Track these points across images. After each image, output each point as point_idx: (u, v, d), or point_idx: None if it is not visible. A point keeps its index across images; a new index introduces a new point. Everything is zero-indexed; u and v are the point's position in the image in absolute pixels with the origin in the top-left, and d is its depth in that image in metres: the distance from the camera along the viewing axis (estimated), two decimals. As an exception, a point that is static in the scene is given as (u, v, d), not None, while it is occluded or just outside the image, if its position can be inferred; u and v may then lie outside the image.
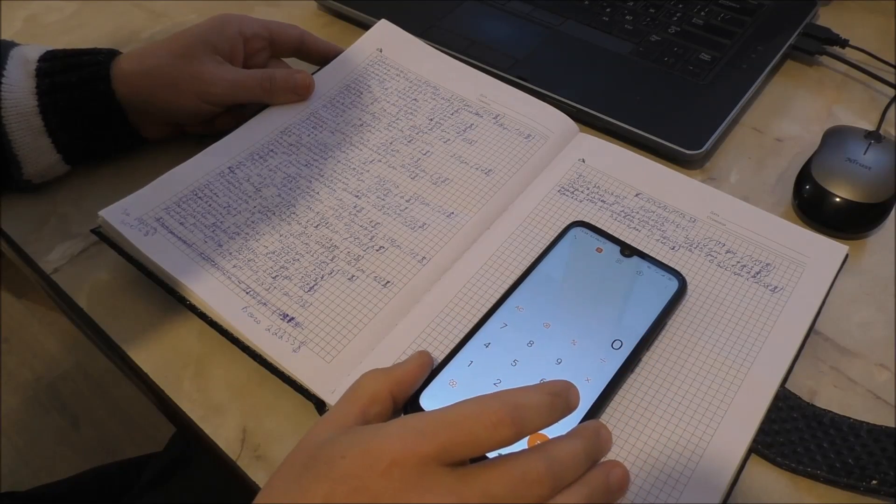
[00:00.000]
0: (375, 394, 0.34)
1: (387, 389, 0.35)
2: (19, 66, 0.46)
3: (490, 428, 0.29)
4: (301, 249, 0.44)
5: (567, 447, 0.31)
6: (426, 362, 0.37)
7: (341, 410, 0.34)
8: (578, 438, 0.32)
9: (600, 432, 0.33)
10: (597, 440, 0.33)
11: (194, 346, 0.42)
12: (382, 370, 0.36)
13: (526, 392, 0.31)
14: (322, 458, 0.30)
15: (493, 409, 0.29)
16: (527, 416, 0.29)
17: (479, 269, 0.43)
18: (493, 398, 0.30)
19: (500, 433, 0.29)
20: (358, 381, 0.35)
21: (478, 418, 0.29)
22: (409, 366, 0.37)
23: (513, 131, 0.51)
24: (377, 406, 0.34)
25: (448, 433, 0.29)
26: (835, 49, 0.60)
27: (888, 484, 0.35)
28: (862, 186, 0.47)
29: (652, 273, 0.42)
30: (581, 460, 0.31)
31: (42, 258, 0.47)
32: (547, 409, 0.30)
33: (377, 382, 0.35)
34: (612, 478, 0.32)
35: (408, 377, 0.36)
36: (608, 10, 0.62)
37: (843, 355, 0.42)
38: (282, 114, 0.51)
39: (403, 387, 0.36)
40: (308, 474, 0.30)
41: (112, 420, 1.25)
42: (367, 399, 0.34)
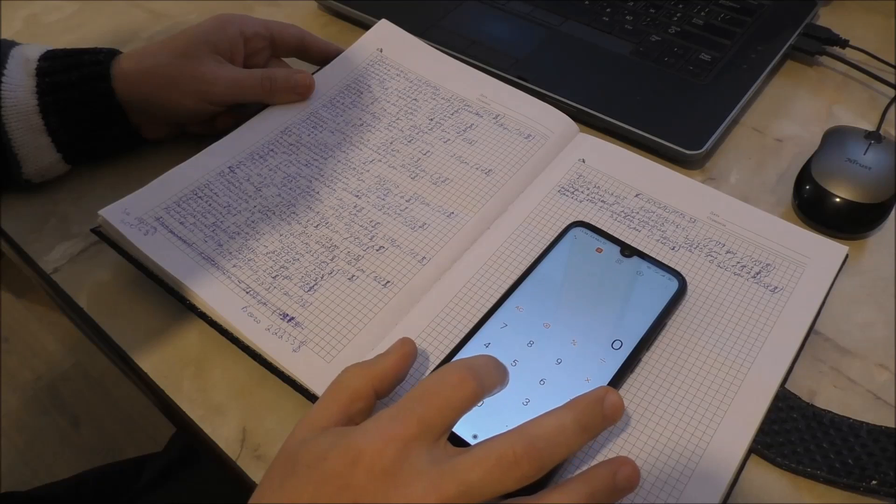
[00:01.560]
0: (357, 391, 0.33)
1: (369, 385, 0.34)
2: (20, 65, 0.46)
3: (456, 387, 0.30)
4: (301, 249, 0.44)
5: (551, 421, 0.30)
6: (408, 352, 0.36)
7: (322, 410, 0.33)
8: (568, 410, 0.31)
9: (604, 400, 0.31)
10: (593, 410, 0.31)
11: (194, 345, 0.42)
12: (364, 365, 0.35)
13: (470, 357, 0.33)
14: (304, 461, 0.30)
15: (453, 372, 0.31)
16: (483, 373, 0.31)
17: (479, 269, 0.43)
18: (447, 366, 0.32)
19: (466, 389, 0.30)
20: (338, 379, 0.34)
21: (442, 383, 0.30)
22: (391, 358, 0.35)
23: (513, 131, 0.51)
24: (359, 403, 0.33)
25: (420, 406, 0.30)
26: (835, 49, 0.60)
27: (888, 484, 0.35)
28: (862, 187, 0.47)
29: (652, 273, 0.42)
30: (570, 434, 0.30)
31: (42, 258, 0.47)
32: (495, 370, 0.32)
33: (358, 378, 0.34)
34: (620, 476, 0.30)
35: (390, 371, 0.35)
36: (608, 10, 0.62)
37: (843, 355, 0.42)
38: (282, 113, 0.51)
39: (386, 381, 0.35)
40: (292, 478, 0.30)
41: (112, 420, 1.25)
42: (348, 397, 0.33)
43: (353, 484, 0.28)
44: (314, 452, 0.30)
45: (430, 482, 0.28)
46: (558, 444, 0.30)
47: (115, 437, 1.23)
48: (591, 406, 0.31)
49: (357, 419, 0.33)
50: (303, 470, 0.30)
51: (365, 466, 0.28)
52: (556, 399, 0.33)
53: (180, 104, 0.48)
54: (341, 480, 0.29)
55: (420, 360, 0.39)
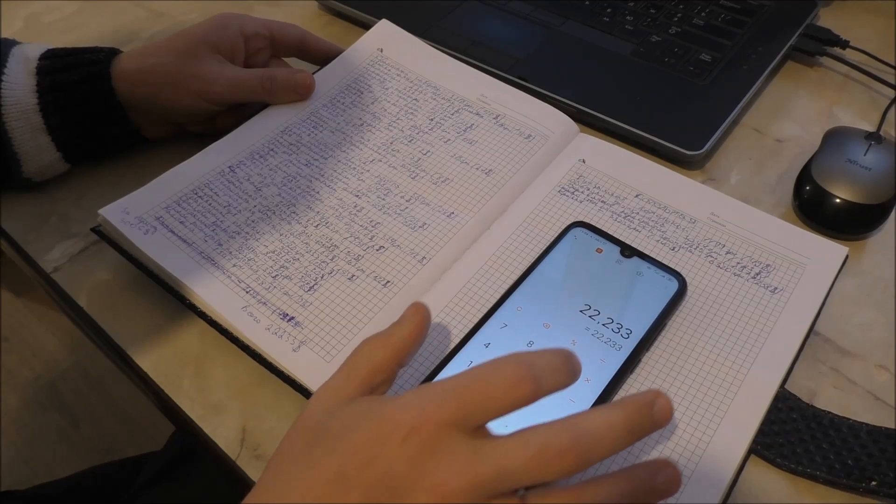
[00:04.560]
0: (377, 364, 0.32)
1: (391, 358, 0.33)
2: (20, 64, 0.46)
3: (509, 387, 0.28)
4: (301, 249, 0.44)
5: (601, 418, 0.28)
6: (424, 318, 0.34)
7: (341, 382, 0.32)
8: (619, 409, 0.29)
9: (655, 402, 0.29)
10: (643, 412, 0.29)
11: (194, 345, 0.42)
12: (381, 337, 0.34)
13: (539, 353, 0.29)
14: (332, 431, 0.29)
15: (511, 368, 0.28)
16: (544, 375, 0.28)
17: (479, 270, 0.43)
18: (507, 358, 0.29)
19: (520, 391, 0.28)
20: (358, 351, 0.33)
21: (495, 377, 0.28)
22: (408, 327, 0.34)
23: (513, 131, 0.51)
24: (380, 375, 0.33)
25: (467, 394, 0.28)
26: (835, 50, 0.60)
27: (887, 485, 0.35)
28: (862, 187, 0.47)
29: (652, 274, 0.42)
30: (619, 433, 0.28)
31: (42, 257, 0.47)
32: (561, 369, 0.29)
33: (379, 350, 0.33)
34: (661, 478, 0.29)
35: (408, 341, 0.33)
36: (609, 11, 0.62)
37: (843, 356, 0.42)
38: (282, 113, 0.51)
39: (405, 351, 0.33)
40: (318, 448, 0.29)
41: (111, 419, 1.25)
42: (368, 370, 0.32)
43: (384, 457, 0.27)
44: (343, 422, 0.29)
45: (466, 462, 0.27)
46: (604, 441, 0.28)
47: (115, 437, 1.23)
48: (642, 408, 0.29)
49: (379, 390, 0.33)
50: (330, 440, 0.29)
51: (397, 441, 0.27)
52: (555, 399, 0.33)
53: (180, 103, 0.48)
54: (372, 453, 0.28)
55: (419, 360, 0.39)
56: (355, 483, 0.27)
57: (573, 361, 0.30)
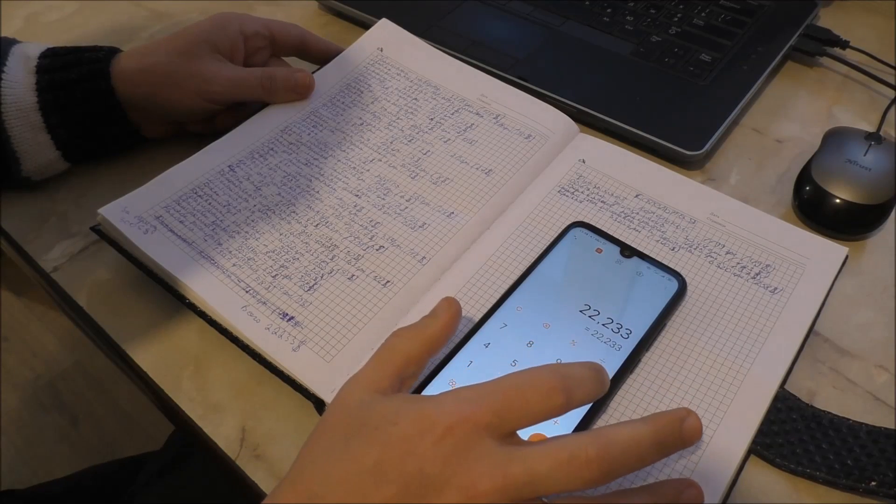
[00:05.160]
0: (410, 356, 0.34)
1: (423, 349, 0.34)
2: (20, 62, 0.46)
3: (543, 396, 0.29)
4: (301, 248, 0.44)
5: (629, 432, 0.29)
6: (456, 312, 0.36)
7: (376, 373, 0.33)
8: (647, 424, 0.30)
9: (685, 420, 0.30)
10: (672, 429, 0.30)
11: (194, 344, 0.42)
12: (414, 329, 0.35)
13: (572, 365, 0.31)
14: (371, 423, 0.30)
15: (545, 378, 0.29)
16: (575, 387, 0.30)
17: (479, 269, 0.43)
18: (542, 369, 0.30)
19: (553, 401, 0.29)
20: (390, 342, 0.34)
21: (530, 386, 0.29)
22: (441, 321, 0.35)
23: (513, 131, 0.51)
24: (412, 367, 0.34)
25: (502, 399, 0.29)
26: (835, 50, 0.60)
27: (887, 485, 0.35)
28: (862, 188, 0.47)
29: (652, 274, 0.42)
30: (646, 448, 0.29)
31: (42, 257, 0.47)
32: (592, 382, 0.30)
33: (411, 343, 0.34)
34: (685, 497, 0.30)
35: (441, 335, 0.35)
36: (609, 11, 0.62)
37: (843, 356, 0.42)
38: (282, 112, 0.51)
39: (437, 345, 0.35)
40: (357, 438, 0.30)
41: (111, 419, 1.25)
42: (401, 361, 0.33)
43: (419, 452, 0.28)
44: (383, 415, 0.30)
45: (498, 464, 0.28)
46: (632, 455, 0.29)
47: (114, 436, 1.23)
48: (671, 424, 0.30)
49: (409, 382, 0.34)
50: (369, 431, 0.29)
51: (434, 438, 0.28)
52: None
53: (180, 103, 0.48)
54: (408, 446, 0.28)
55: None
56: (392, 476, 0.28)
57: (603, 375, 0.31)
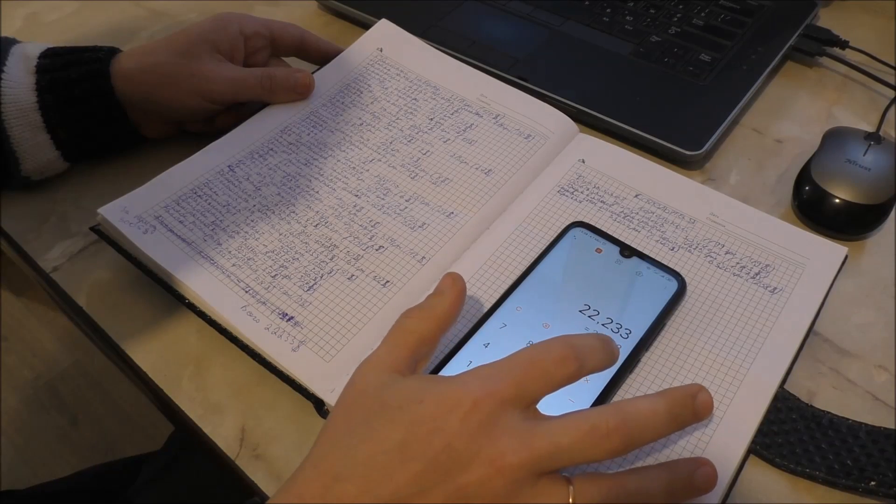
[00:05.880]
0: (423, 335, 0.34)
1: (435, 328, 0.34)
2: (20, 62, 0.46)
3: (558, 364, 0.30)
4: (300, 248, 0.44)
5: (646, 405, 0.30)
6: (462, 288, 0.36)
7: (391, 354, 0.33)
8: (663, 398, 0.31)
9: (697, 396, 0.32)
10: (685, 404, 0.31)
11: (193, 345, 0.42)
12: (424, 308, 0.35)
13: (581, 335, 0.32)
14: (394, 402, 0.30)
15: (557, 348, 0.31)
16: (586, 354, 0.31)
17: (479, 269, 0.43)
18: (552, 340, 0.31)
19: (567, 368, 0.30)
20: (402, 323, 0.35)
21: (545, 356, 0.30)
22: (449, 298, 0.35)
23: (513, 131, 0.51)
24: (425, 347, 0.34)
25: (521, 372, 0.30)
26: (835, 50, 0.60)
27: (886, 485, 0.35)
28: (861, 188, 0.47)
29: (651, 274, 0.42)
30: (662, 420, 0.30)
31: (41, 257, 0.47)
32: (601, 351, 0.32)
33: (423, 323, 0.34)
34: (699, 475, 0.31)
35: (451, 312, 0.35)
36: (608, 11, 0.62)
37: (843, 356, 0.42)
38: (282, 112, 0.51)
39: (449, 322, 0.35)
40: (380, 418, 0.30)
41: (111, 419, 1.25)
42: (415, 341, 0.34)
43: (446, 428, 0.29)
44: (406, 395, 0.30)
45: (523, 438, 0.29)
46: (649, 426, 0.30)
47: (114, 436, 1.23)
48: (684, 398, 0.31)
49: (423, 363, 0.34)
50: (393, 411, 0.30)
51: (460, 415, 0.29)
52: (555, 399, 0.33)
53: (180, 102, 0.48)
54: (434, 424, 0.29)
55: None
56: (417, 454, 0.28)
57: (612, 345, 0.33)
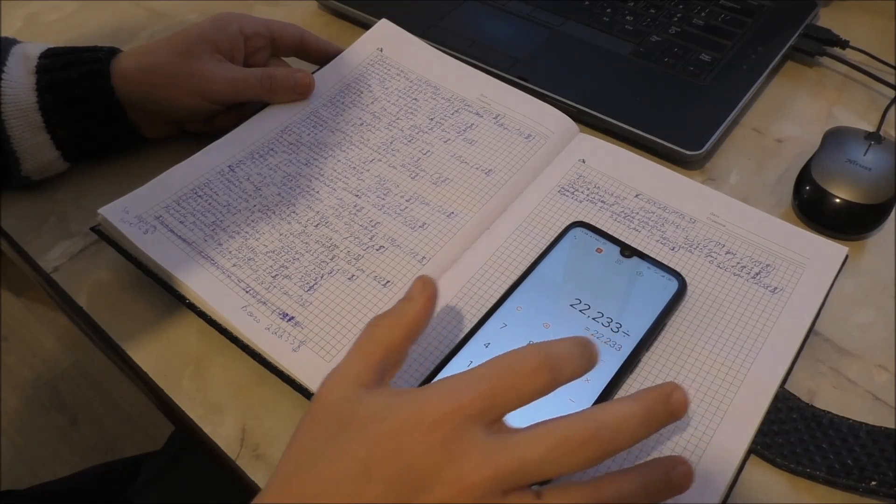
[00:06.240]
0: (390, 345, 0.32)
1: (404, 337, 0.33)
2: (20, 62, 0.46)
3: (528, 375, 0.28)
4: (301, 248, 0.44)
5: (619, 410, 0.29)
6: (432, 293, 0.34)
7: (356, 365, 0.32)
8: (636, 401, 0.29)
9: (671, 395, 0.30)
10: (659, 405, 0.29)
11: (194, 345, 0.42)
12: (392, 315, 0.33)
13: (556, 341, 0.30)
14: (358, 419, 0.29)
15: (529, 358, 0.29)
16: (562, 364, 0.29)
17: (479, 269, 0.43)
18: (526, 349, 0.29)
19: (539, 380, 0.29)
20: (369, 332, 0.33)
21: (515, 367, 0.29)
22: (418, 304, 0.34)
23: (513, 131, 0.51)
24: (393, 356, 0.33)
25: (488, 386, 0.28)
26: (835, 50, 0.60)
27: (887, 485, 0.35)
28: (862, 187, 0.47)
29: (652, 273, 0.42)
30: (636, 425, 0.29)
31: (42, 257, 0.47)
32: (578, 358, 0.30)
33: (391, 331, 0.33)
34: (676, 474, 0.30)
35: (420, 318, 0.33)
36: (608, 11, 0.62)
37: (843, 356, 0.42)
38: (282, 112, 0.51)
39: (418, 329, 0.33)
40: (343, 436, 0.29)
41: (111, 419, 1.25)
42: (382, 351, 0.32)
43: (408, 448, 0.28)
44: (370, 411, 0.29)
45: (487, 455, 0.27)
46: (623, 433, 0.28)
47: (114, 436, 1.23)
48: (658, 400, 0.30)
49: (391, 373, 0.33)
50: (356, 428, 0.29)
51: (422, 433, 0.28)
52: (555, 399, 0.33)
53: (180, 103, 0.48)
54: (397, 443, 0.28)
55: (419, 362, 0.39)
56: (379, 475, 0.28)
57: (591, 349, 0.30)
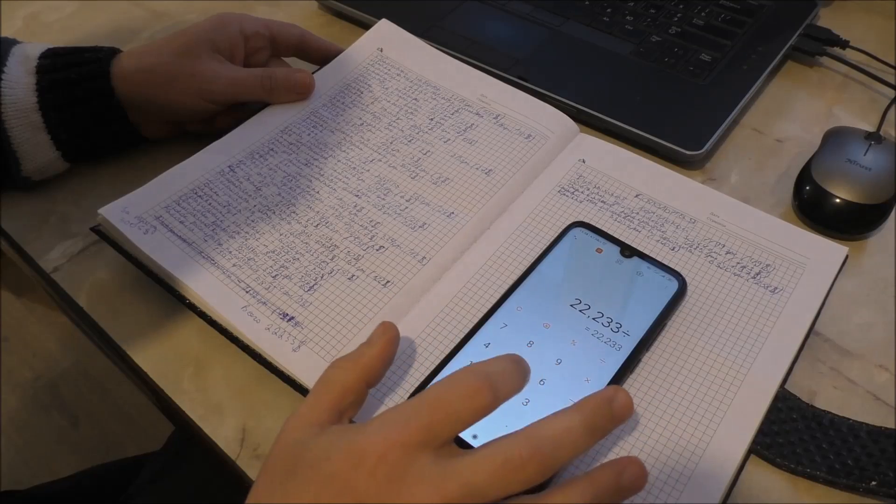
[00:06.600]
0: (347, 386, 0.33)
1: (359, 379, 0.34)
2: (20, 62, 0.46)
3: (468, 398, 0.29)
4: (301, 249, 0.44)
5: (559, 424, 0.29)
6: (392, 337, 0.36)
7: (313, 407, 0.33)
8: (576, 412, 0.30)
9: (614, 399, 0.30)
10: (602, 410, 0.30)
11: (194, 345, 0.42)
12: (350, 358, 0.35)
13: (490, 361, 0.31)
14: (306, 462, 0.30)
15: (468, 380, 0.29)
16: (500, 382, 0.30)
17: (479, 270, 0.43)
18: (462, 372, 0.30)
19: (479, 401, 0.29)
20: (326, 375, 0.34)
21: (454, 392, 0.29)
22: (377, 347, 0.35)
23: (513, 131, 0.51)
24: (350, 397, 0.33)
25: (428, 413, 0.29)
26: (835, 50, 0.60)
27: (887, 485, 0.35)
28: (862, 187, 0.47)
29: (652, 274, 0.42)
30: (578, 435, 0.29)
31: (42, 257, 0.47)
32: (514, 374, 0.31)
33: (347, 373, 0.34)
34: (625, 477, 0.30)
35: (377, 360, 0.35)
36: (608, 11, 0.62)
37: (843, 356, 0.42)
38: (282, 113, 0.51)
39: (375, 371, 0.35)
40: (293, 479, 0.30)
41: (111, 419, 1.25)
42: (338, 392, 0.33)
43: (355, 486, 0.28)
44: (315, 453, 0.30)
45: (433, 484, 0.28)
46: (565, 445, 0.29)
47: (115, 436, 1.23)
48: (600, 406, 0.30)
49: (349, 413, 0.34)
50: (304, 470, 0.30)
51: (367, 470, 0.28)
52: (555, 399, 0.33)
53: (180, 103, 0.48)
54: (343, 483, 0.28)
55: (419, 361, 0.39)
56: None
57: (523, 364, 0.31)
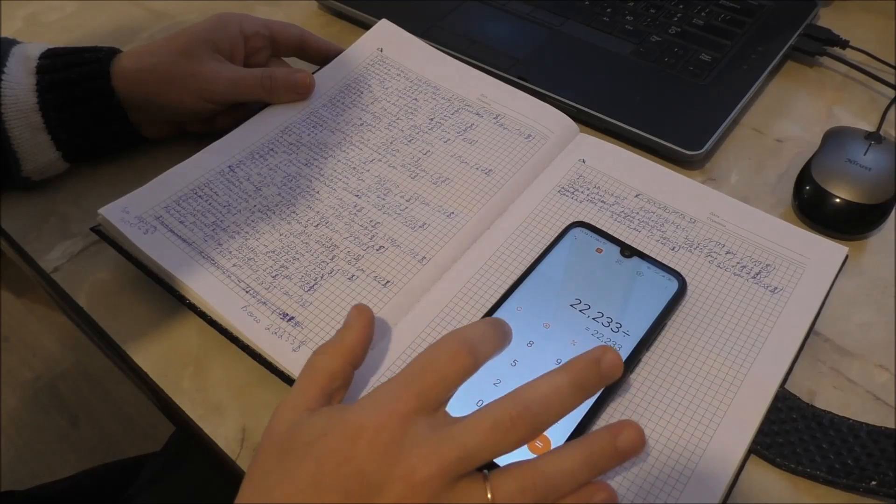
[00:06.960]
0: (332, 371, 0.34)
1: (344, 362, 0.35)
2: (20, 63, 0.46)
3: (450, 361, 0.30)
4: (301, 249, 0.44)
5: (547, 384, 0.30)
6: (368, 318, 0.37)
7: (302, 393, 0.34)
8: (564, 372, 0.30)
9: (602, 358, 0.31)
10: (590, 371, 0.30)
11: (194, 345, 0.42)
12: (332, 343, 0.36)
13: (468, 326, 0.32)
14: (302, 440, 0.30)
15: (448, 345, 0.31)
16: (478, 344, 0.31)
17: (479, 269, 0.43)
18: (441, 340, 0.31)
19: (461, 362, 0.30)
20: (311, 362, 0.35)
21: (438, 357, 0.31)
22: (355, 330, 0.36)
23: (513, 131, 0.51)
24: (337, 381, 0.34)
25: (416, 381, 0.30)
26: (835, 50, 0.60)
27: (887, 485, 0.35)
28: (862, 187, 0.47)
29: (652, 273, 0.42)
30: (566, 395, 0.30)
31: (42, 257, 0.47)
32: (492, 335, 0.32)
33: (332, 358, 0.35)
34: (621, 440, 0.30)
35: (357, 342, 0.36)
36: (608, 11, 0.62)
37: (843, 356, 0.42)
38: (282, 113, 0.51)
39: (358, 353, 0.36)
40: (290, 457, 0.30)
41: (111, 419, 1.25)
42: (325, 377, 0.34)
43: (355, 456, 0.29)
44: (311, 431, 0.30)
45: (430, 449, 0.29)
46: (553, 405, 0.30)
47: (115, 436, 1.23)
48: (588, 366, 0.31)
49: (337, 396, 0.35)
50: (302, 448, 0.30)
51: (366, 441, 0.29)
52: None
53: (180, 103, 0.48)
54: (343, 455, 0.29)
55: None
56: (331, 487, 0.29)
57: (504, 327, 0.33)
